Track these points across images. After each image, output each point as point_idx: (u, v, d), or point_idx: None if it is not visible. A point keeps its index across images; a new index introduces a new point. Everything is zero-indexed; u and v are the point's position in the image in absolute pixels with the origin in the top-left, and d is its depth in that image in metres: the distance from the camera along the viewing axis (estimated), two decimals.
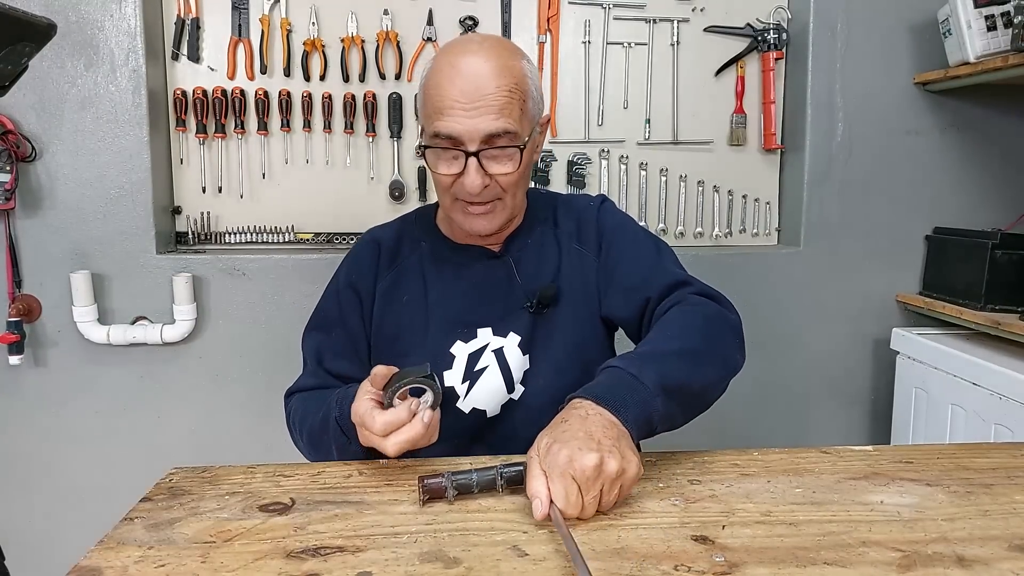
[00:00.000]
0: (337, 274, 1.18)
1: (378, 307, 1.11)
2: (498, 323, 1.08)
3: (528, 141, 1.01)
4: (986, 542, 0.69)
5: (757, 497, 0.79)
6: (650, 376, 0.83)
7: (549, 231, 1.14)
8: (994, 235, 1.82)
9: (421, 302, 1.10)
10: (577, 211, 1.16)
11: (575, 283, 1.10)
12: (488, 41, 1.00)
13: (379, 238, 1.17)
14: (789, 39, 2.05)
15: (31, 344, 1.83)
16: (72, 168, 1.80)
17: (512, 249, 1.12)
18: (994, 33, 1.76)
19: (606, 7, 2.00)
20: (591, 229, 1.13)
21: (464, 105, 0.95)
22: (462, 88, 0.95)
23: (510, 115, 0.97)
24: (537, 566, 0.64)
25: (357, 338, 1.12)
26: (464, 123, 0.95)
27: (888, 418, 2.04)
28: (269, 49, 1.91)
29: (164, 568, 0.65)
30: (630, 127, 2.05)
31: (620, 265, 1.09)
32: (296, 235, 1.99)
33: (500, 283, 1.10)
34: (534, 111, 1.03)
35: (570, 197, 1.22)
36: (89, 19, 1.77)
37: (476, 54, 0.97)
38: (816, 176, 2.02)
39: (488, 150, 0.97)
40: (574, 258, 1.12)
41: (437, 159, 1.00)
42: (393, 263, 1.13)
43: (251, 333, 1.89)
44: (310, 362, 1.12)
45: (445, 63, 0.98)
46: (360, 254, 1.16)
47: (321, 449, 0.99)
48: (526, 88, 1.00)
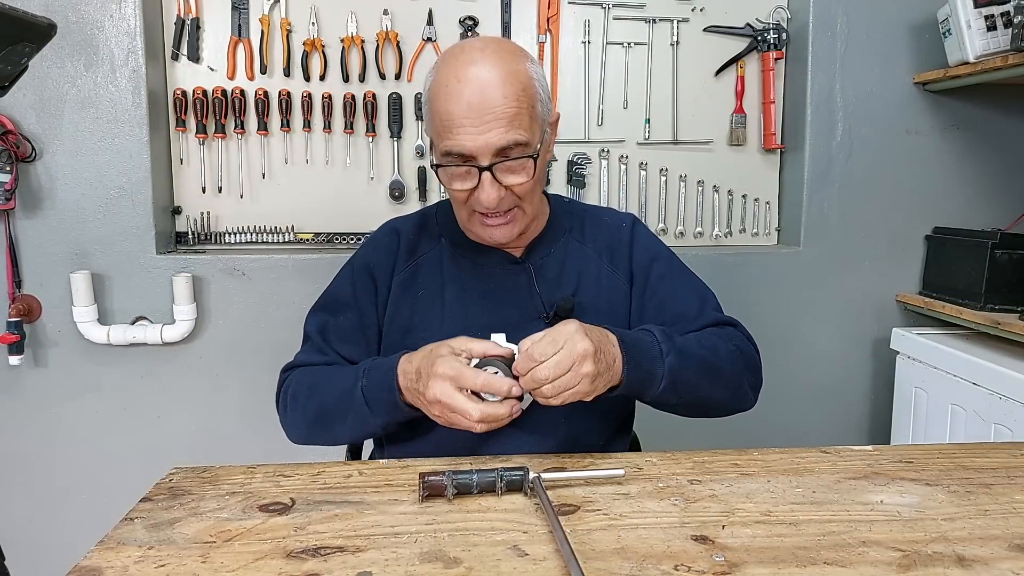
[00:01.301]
0: (353, 259, 1.15)
1: (394, 297, 1.09)
2: (512, 330, 1.05)
3: (540, 147, 0.99)
4: (986, 542, 0.69)
5: (757, 497, 0.79)
6: (671, 361, 0.91)
7: (575, 243, 1.12)
8: (994, 235, 1.82)
9: (437, 299, 1.08)
10: (608, 229, 1.15)
11: (599, 301, 1.09)
12: (490, 47, 0.97)
13: (399, 228, 1.15)
14: (789, 39, 2.05)
15: (31, 344, 1.83)
16: (72, 168, 1.80)
17: (534, 256, 1.10)
18: (994, 33, 1.76)
19: (606, 7, 2.00)
20: (623, 253, 1.12)
21: (473, 121, 0.93)
22: (469, 102, 0.92)
23: (520, 125, 0.94)
24: (537, 566, 0.64)
25: (368, 323, 1.10)
26: (475, 140, 0.93)
27: (888, 418, 2.04)
28: (269, 49, 1.91)
29: (164, 568, 0.65)
30: (630, 127, 2.05)
31: (661, 306, 1.09)
32: (296, 235, 1.99)
33: (518, 289, 1.08)
34: (543, 113, 1.00)
35: (599, 212, 1.20)
36: (89, 19, 1.77)
37: (479, 64, 0.94)
38: (816, 176, 2.02)
39: (501, 163, 0.95)
40: (602, 277, 1.11)
41: (450, 177, 0.99)
42: (412, 256, 1.11)
43: (251, 333, 1.89)
44: (315, 339, 1.10)
45: (449, 76, 0.95)
46: (380, 241, 1.14)
47: (327, 423, 0.98)
48: (534, 92, 0.97)
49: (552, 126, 1.06)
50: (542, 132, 1.00)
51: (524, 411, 1.06)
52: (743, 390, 1.03)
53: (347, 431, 0.96)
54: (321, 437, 1.03)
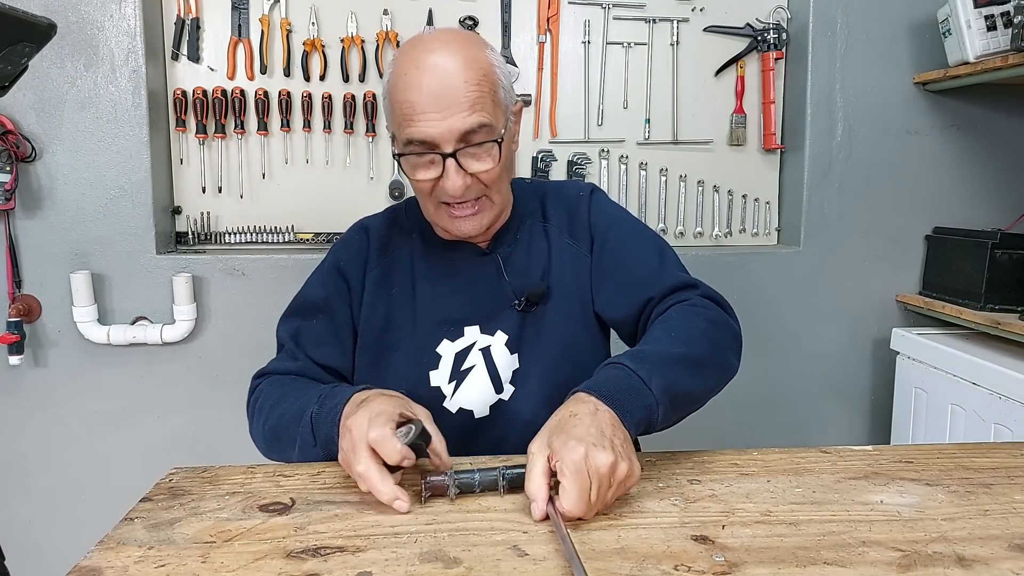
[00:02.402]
0: (323, 262, 1.14)
1: (368, 296, 1.08)
2: (485, 321, 1.06)
3: (505, 133, 0.98)
4: (986, 542, 0.69)
5: (757, 497, 0.79)
6: (658, 383, 0.83)
7: (538, 225, 1.11)
8: (994, 235, 1.82)
9: (409, 296, 1.07)
10: (567, 201, 1.13)
11: (567, 280, 1.08)
12: (447, 35, 0.97)
13: (368, 226, 1.14)
14: (789, 39, 2.05)
15: (31, 344, 1.83)
16: (72, 168, 1.80)
17: (500, 246, 1.09)
18: (994, 33, 1.76)
19: (606, 7, 2.00)
20: (582, 222, 1.10)
21: (434, 107, 0.91)
22: (430, 89, 0.91)
23: (483, 108, 0.93)
24: (537, 566, 0.64)
25: (341, 324, 1.08)
26: (436, 126, 0.92)
27: (888, 418, 2.04)
28: (269, 49, 1.91)
29: (164, 568, 0.65)
30: (630, 127, 2.05)
31: (619, 264, 1.07)
32: (296, 235, 1.99)
33: (488, 280, 1.07)
34: (506, 100, 0.99)
35: (558, 185, 1.18)
36: (89, 19, 1.77)
37: (439, 52, 0.93)
38: (816, 176, 2.02)
39: (465, 148, 0.94)
40: (565, 254, 1.09)
41: (414, 167, 0.97)
42: (384, 253, 1.10)
43: (251, 333, 1.88)
44: (288, 344, 1.07)
45: (408, 65, 0.93)
46: (350, 240, 1.13)
47: (281, 442, 0.93)
48: (495, 78, 0.96)
49: (516, 116, 1.03)
50: (506, 119, 0.99)
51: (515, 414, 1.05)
52: (728, 364, 0.97)
53: (297, 454, 0.90)
54: (277, 455, 0.96)
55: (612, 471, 0.71)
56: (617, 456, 0.72)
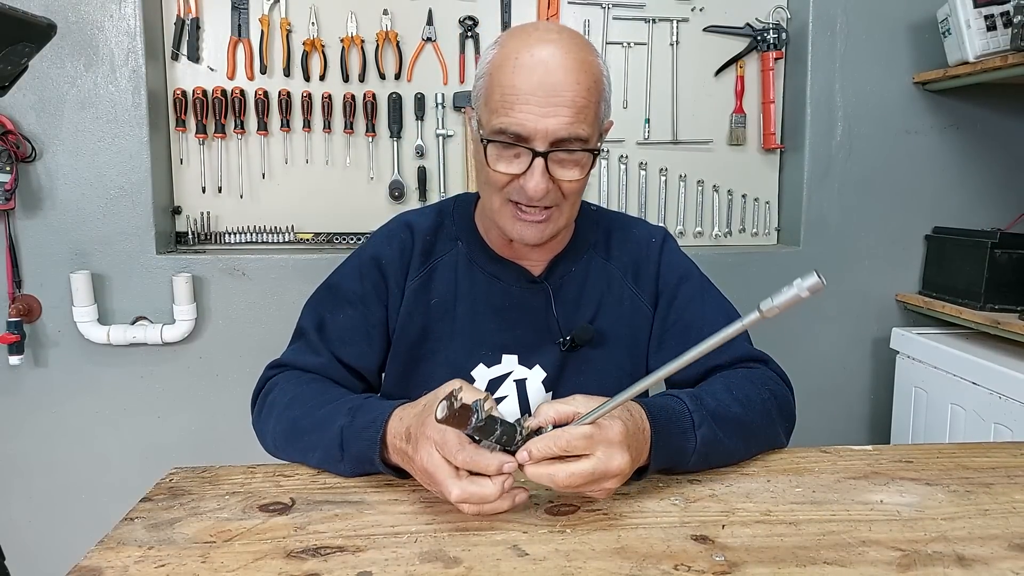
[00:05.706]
0: (360, 252, 1.04)
1: (407, 303, 1.00)
2: (525, 353, 1.00)
3: (600, 145, 0.92)
4: (986, 541, 0.69)
5: (757, 497, 0.79)
6: (704, 433, 0.81)
7: (599, 260, 1.04)
8: (994, 235, 1.82)
9: (449, 310, 1.00)
10: (636, 244, 1.05)
11: (620, 328, 1.01)
12: (566, 31, 0.90)
13: (414, 224, 1.04)
14: (789, 39, 2.05)
15: (31, 344, 1.83)
16: (72, 168, 1.80)
17: (554, 275, 1.01)
18: (993, 33, 1.76)
19: (606, 7, 2.00)
20: (650, 273, 1.04)
21: (539, 101, 0.84)
22: (540, 81, 0.84)
23: (585, 120, 0.86)
24: (537, 566, 0.64)
25: (374, 324, 1.00)
26: (536, 122, 0.84)
27: (888, 418, 2.04)
28: (269, 49, 1.91)
29: (164, 568, 0.65)
30: (630, 127, 2.05)
31: (687, 328, 1.00)
32: (296, 235, 1.99)
33: (535, 312, 1.00)
34: (604, 115, 0.92)
35: (627, 222, 1.09)
36: (89, 19, 1.77)
37: (556, 44, 0.86)
38: (816, 176, 2.02)
39: (557, 152, 0.87)
40: (625, 300, 1.02)
41: (497, 156, 0.88)
42: (427, 260, 1.02)
43: (251, 333, 1.89)
44: (311, 336, 0.99)
45: (521, 48, 0.86)
46: (393, 235, 1.03)
47: (297, 445, 0.87)
48: (602, 89, 0.90)
49: (605, 132, 0.96)
50: (599, 136, 0.92)
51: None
52: (776, 439, 0.93)
53: (315, 461, 0.86)
54: (288, 456, 0.90)
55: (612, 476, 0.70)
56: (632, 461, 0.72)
